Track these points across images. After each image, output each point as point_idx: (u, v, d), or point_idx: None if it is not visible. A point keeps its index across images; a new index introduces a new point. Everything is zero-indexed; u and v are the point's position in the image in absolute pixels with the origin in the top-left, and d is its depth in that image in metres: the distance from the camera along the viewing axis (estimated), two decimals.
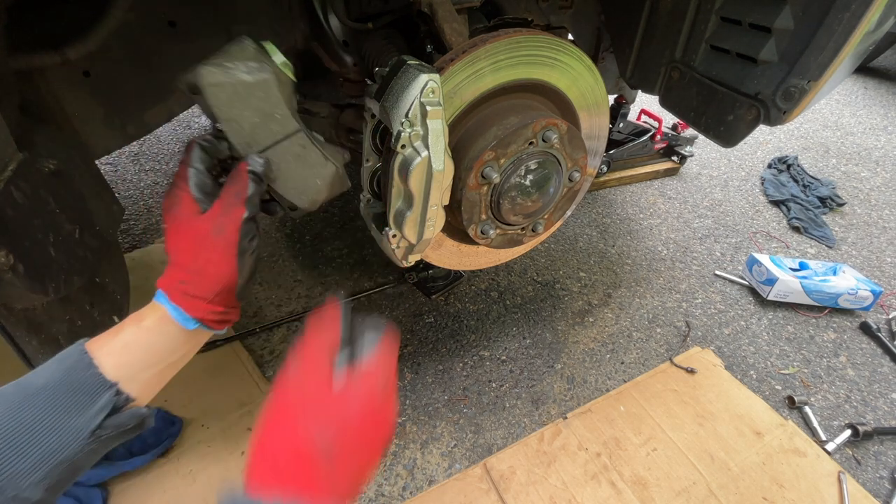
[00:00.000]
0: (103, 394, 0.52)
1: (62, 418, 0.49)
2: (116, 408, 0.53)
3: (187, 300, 0.58)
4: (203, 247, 0.58)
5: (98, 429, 0.51)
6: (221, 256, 0.59)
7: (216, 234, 0.58)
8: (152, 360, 0.57)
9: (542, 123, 0.93)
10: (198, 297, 0.58)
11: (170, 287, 0.59)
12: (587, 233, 2.18)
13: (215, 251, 0.58)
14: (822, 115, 3.53)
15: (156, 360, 0.58)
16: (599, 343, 1.66)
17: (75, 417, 0.50)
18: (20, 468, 0.46)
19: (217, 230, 0.58)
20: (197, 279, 0.59)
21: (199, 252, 0.58)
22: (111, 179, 2.34)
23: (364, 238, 2.03)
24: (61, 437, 0.48)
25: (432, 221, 0.93)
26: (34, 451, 0.47)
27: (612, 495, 1.21)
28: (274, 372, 1.48)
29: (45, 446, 0.47)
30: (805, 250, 2.18)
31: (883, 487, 1.30)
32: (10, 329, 0.67)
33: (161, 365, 0.58)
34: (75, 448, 0.49)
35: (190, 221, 0.59)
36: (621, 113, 2.35)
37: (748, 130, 1.01)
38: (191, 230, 0.59)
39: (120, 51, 0.88)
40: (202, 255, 0.58)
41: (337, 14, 1.06)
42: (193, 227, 0.58)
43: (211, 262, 0.58)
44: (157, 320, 0.58)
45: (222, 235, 0.58)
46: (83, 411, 0.50)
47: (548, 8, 1.28)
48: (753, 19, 0.92)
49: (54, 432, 0.48)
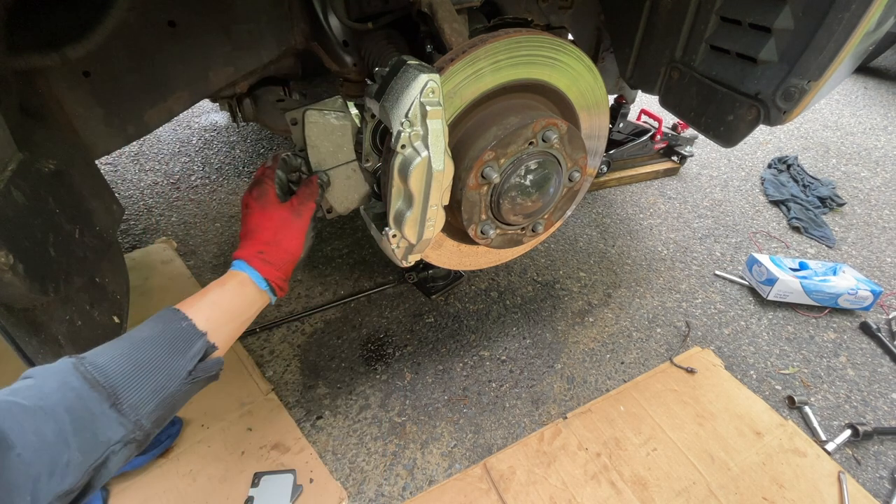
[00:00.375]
0: (196, 341, 0.64)
1: (166, 360, 0.60)
2: (206, 354, 0.65)
3: (264, 266, 0.77)
4: (283, 226, 0.80)
5: (192, 371, 0.62)
6: (295, 235, 0.81)
7: (294, 218, 0.81)
8: (231, 316, 0.72)
9: (542, 123, 0.93)
10: (271, 263, 0.78)
11: (249, 256, 0.77)
12: (587, 233, 2.18)
13: (292, 230, 0.81)
14: (822, 115, 3.53)
15: (234, 316, 0.73)
16: (599, 343, 1.66)
17: (176, 360, 0.61)
18: (139, 398, 0.56)
19: (296, 215, 0.82)
20: (273, 250, 0.78)
21: (279, 230, 0.80)
22: (111, 179, 2.35)
23: (364, 238, 2.03)
24: (167, 376, 0.59)
25: (432, 221, 0.93)
26: (148, 386, 0.57)
27: (612, 495, 1.21)
28: (274, 372, 1.48)
29: (155, 382, 0.58)
30: (805, 250, 2.18)
31: (883, 487, 1.30)
32: (10, 329, 0.67)
33: (238, 321, 0.74)
34: (176, 386, 0.60)
35: (274, 208, 0.81)
36: (621, 113, 2.35)
37: (748, 130, 1.01)
38: (275, 214, 0.80)
39: (120, 51, 0.88)
40: (281, 232, 0.80)
41: (337, 14, 1.06)
42: (277, 212, 0.81)
43: (287, 237, 0.80)
44: (237, 283, 0.75)
45: (299, 220, 0.82)
46: (182, 355, 0.62)
47: (548, 8, 1.28)
48: (753, 19, 0.92)
49: (161, 371, 0.59)
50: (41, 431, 0.48)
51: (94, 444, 0.52)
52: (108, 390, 0.54)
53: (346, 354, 1.56)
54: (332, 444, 1.31)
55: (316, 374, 1.49)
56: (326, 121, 0.88)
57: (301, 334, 1.61)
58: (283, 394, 1.42)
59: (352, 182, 0.93)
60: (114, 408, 0.54)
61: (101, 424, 0.52)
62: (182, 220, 2.09)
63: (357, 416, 1.39)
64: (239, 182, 2.37)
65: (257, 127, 2.86)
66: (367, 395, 1.44)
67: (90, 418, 0.52)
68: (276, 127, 1.21)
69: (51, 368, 0.54)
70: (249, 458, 1.24)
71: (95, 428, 0.52)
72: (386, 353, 1.57)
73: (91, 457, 0.51)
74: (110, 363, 0.56)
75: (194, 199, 2.23)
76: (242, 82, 1.13)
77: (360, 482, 1.24)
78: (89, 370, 0.54)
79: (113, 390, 0.54)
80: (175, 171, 2.44)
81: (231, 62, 1.03)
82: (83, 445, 0.50)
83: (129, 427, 0.55)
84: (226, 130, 2.83)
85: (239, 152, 2.62)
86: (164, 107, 0.99)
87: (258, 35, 1.04)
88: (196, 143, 2.69)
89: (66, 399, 0.51)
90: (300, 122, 0.87)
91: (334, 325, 1.65)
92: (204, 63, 1.00)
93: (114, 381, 0.55)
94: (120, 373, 0.56)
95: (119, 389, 0.55)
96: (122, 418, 0.54)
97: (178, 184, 2.34)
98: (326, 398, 1.43)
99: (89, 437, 0.51)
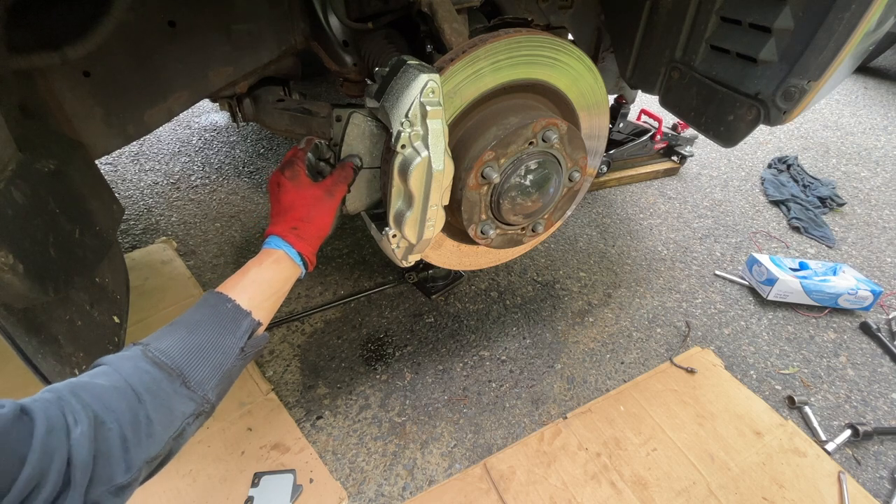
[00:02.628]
0: (243, 321, 0.70)
1: (221, 340, 0.66)
2: (253, 330, 0.71)
3: (299, 241, 0.82)
4: (316, 204, 0.85)
5: (244, 347, 0.69)
6: (327, 212, 0.86)
7: (327, 197, 0.86)
8: (270, 292, 0.77)
9: (542, 123, 0.93)
10: (304, 239, 0.83)
11: (283, 231, 0.82)
12: (587, 233, 2.18)
13: (324, 208, 0.86)
14: (822, 115, 3.53)
15: (273, 291, 0.77)
16: (599, 343, 1.66)
17: (228, 339, 0.67)
18: (203, 376, 0.63)
19: (329, 195, 0.87)
20: (306, 226, 0.83)
21: (313, 207, 0.85)
22: (111, 179, 2.35)
23: (364, 238, 2.03)
24: (223, 354, 0.66)
25: (432, 221, 0.93)
26: (209, 363, 0.64)
27: (612, 495, 1.21)
28: (274, 372, 1.48)
29: (214, 360, 0.65)
30: (805, 250, 2.18)
31: (883, 487, 1.30)
32: (10, 329, 0.67)
33: (276, 296, 0.78)
34: (231, 362, 0.67)
35: (307, 187, 0.86)
36: (621, 113, 2.35)
37: (748, 130, 1.01)
38: (308, 193, 0.85)
39: (120, 51, 0.88)
40: (314, 210, 0.85)
41: (337, 14, 1.06)
42: (310, 191, 0.85)
43: (320, 215, 0.85)
44: (273, 260, 0.79)
45: (331, 199, 0.87)
46: (232, 334, 0.68)
47: (548, 8, 1.28)
48: (753, 19, 0.92)
49: (218, 349, 0.65)
50: (126, 408, 0.54)
51: (172, 418, 0.59)
52: (175, 371, 0.60)
53: (346, 354, 1.56)
54: (332, 444, 1.31)
55: (316, 374, 1.49)
56: (368, 126, 0.93)
57: (301, 334, 1.61)
58: (283, 394, 1.42)
59: (370, 186, 0.99)
60: (183, 385, 0.60)
61: (175, 401, 0.59)
62: (182, 220, 2.09)
63: (357, 416, 1.39)
64: (239, 182, 2.37)
65: (257, 127, 2.86)
66: (367, 395, 1.44)
67: (165, 396, 0.58)
68: (276, 127, 1.21)
69: (122, 355, 0.60)
70: (249, 458, 1.24)
71: (171, 404, 0.59)
72: (386, 353, 1.57)
73: (170, 429, 0.58)
74: (172, 347, 0.62)
75: (194, 199, 2.23)
76: (242, 82, 1.13)
77: (360, 482, 1.24)
78: (157, 355, 0.60)
79: (180, 371, 0.60)
80: (175, 171, 2.44)
81: (231, 62, 1.03)
82: (162, 420, 0.57)
83: (199, 401, 0.62)
84: (226, 130, 2.83)
85: (239, 152, 2.62)
86: (163, 107, 0.99)
87: (258, 35, 1.04)
88: (196, 143, 2.69)
89: (143, 381, 0.57)
90: (344, 120, 0.93)
91: (334, 325, 1.65)
92: (204, 63, 1.00)
93: (179, 362, 0.61)
94: (183, 355, 0.62)
95: (185, 370, 0.61)
96: (192, 394, 0.61)
97: (178, 184, 2.34)
98: (326, 398, 1.43)
99: (167, 412, 0.58)
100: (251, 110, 1.23)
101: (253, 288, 0.75)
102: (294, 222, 0.83)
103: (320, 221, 0.85)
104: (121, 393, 0.55)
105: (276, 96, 1.22)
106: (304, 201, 0.84)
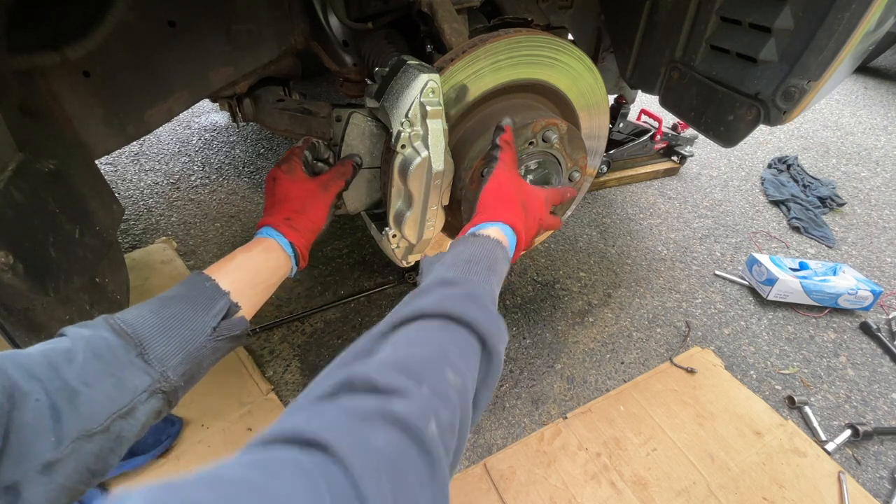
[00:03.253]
0: (220, 299, 0.66)
1: (191, 316, 0.62)
2: (230, 313, 0.67)
3: (291, 231, 0.81)
4: (311, 196, 0.85)
5: (216, 327, 0.64)
6: (321, 206, 0.86)
7: (322, 191, 0.86)
8: (257, 280, 0.74)
9: (542, 123, 0.93)
10: (297, 230, 0.81)
11: (276, 222, 0.81)
12: (587, 233, 2.18)
13: (319, 201, 0.86)
14: (822, 115, 3.53)
15: (259, 279, 0.74)
16: (599, 343, 1.66)
17: (201, 315, 0.63)
18: (165, 351, 0.59)
19: (324, 189, 0.87)
20: (300, 217, 0.83)
21: (307, 200, 0.84)
22: (111, 179, 2.35)
23: (364, 238, 2.03)
24: (191, 331, 0.62)
25: (432, 222, 0.93)
26: (174, 339, 0.60)
27: (612, 495, 1.21)
28: (274, 372, 1.48)
29: (181, 336, 0.61)
30: (805, 250, 2.18)
31: (883, 487, 1.30)
32: (10, 329, 0.67)
33: (263, 285, 0.75)
34: (201, 342, 0.62)
35: (303, 180, 0.86)
36: (621, 113, 2.35)
37: (748, 130, 1.01)
38: (303, 186, 0.86)
39: (120, 51, 0.88)
40: (309, 202, 0.84)
41: (337, 14, 1.06)
42: (306, 184, 0.86)
43: (314, 207, 0.85)
44: (263, 248, 0.78)
45: (326, 193, 0.87)
46: (206, 312, 0.64)
47: (548, 8, 1.28)
48: (753, 19, 0.92)
49: (186, 325, 0.61)
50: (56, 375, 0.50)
51: (121, 391, 0.54)
52: (134, 340, 0.57)
53: None
54: None
55: (316, 374, 1.49)
56: (368, 126, 0.94)
57: (301, 334, 1.61)
58: (283, 394, 1.42)
59: (370, 186, 1.00)
60: (140, 357, 0.57)
61: (127, 372, 0.55)
62: (182, 220, 2.09)
63: None
64: (239, 182, 2.37)
65: (257, 127, 2.86)
66: None
67: (116, 364, 0.54)
68: (276, 127, 1.21)
69: (84, 323, 0.58)
70: None
71: (121, 374, 0.54)
72: None
73: (117, 403, 0.53)
74: (137, 318, 0.59)
75: (194, 199, 2.23)
76: (242, 82, 1.13)
77: None
78: (118, 323, 0.57)
79: (140, 340, 0.57)
80: (175, 171, 2.44)
81: (231, 62, 1.03)
82: (109, 390, 0.53)
83: (155, 376, 0.57)
84: (226, 130, 2.83)
85: (239, 152, 2.62)
86: (163, 107, 0.99)
87: (258, 35, 1.04)
88: (196, 143, 2.69)
89: (95, 346, 0.54)
90: (344, 120, 0.93)
91: (334, 325, 1.65)
92: (204, 63, 1.00)
93: (140, 332, 0.58)
94: (146, 325, 0.59)
95: (145, 340, 0.58)
96: (149, 367, 0.57)
97: (178, 184, 2.34)
98: None
99: (114, 381, 0.54)
100: (251, 110, 1.23)
101: (238, 272, 0.72)
102: (288, 213, 0.82)
103: (314, 214, 0.85)
104: (54, 357, 0.51)
105: (276, 96, 1.22)
106: (299, 194, 0.84)
